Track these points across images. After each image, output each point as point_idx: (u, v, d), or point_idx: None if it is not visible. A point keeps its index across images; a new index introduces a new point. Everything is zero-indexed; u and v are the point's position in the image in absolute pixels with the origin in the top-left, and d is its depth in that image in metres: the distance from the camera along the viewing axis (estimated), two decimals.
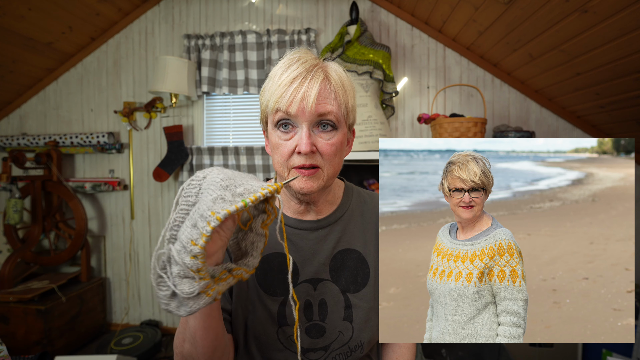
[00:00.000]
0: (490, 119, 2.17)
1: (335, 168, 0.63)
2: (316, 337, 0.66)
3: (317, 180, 0.61)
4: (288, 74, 0.59)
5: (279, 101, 0.59)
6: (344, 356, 0.66)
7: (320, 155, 0.61)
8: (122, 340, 2.16)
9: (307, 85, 0.58)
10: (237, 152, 2.28)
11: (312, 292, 0.67)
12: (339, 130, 0.62)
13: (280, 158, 0.61)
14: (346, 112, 0.63)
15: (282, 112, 0.59)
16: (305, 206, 0.70)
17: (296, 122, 0.59)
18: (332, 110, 0.60)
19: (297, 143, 0.59)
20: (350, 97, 0.64)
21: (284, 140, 0.60)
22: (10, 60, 2.19)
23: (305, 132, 0.58)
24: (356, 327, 0.67)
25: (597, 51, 1.44)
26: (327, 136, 0.61)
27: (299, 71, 0.59)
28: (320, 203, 0.71)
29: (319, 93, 0.58)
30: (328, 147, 0.60)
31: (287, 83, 0.58)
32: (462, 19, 1.87)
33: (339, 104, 0.61)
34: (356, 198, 0.77)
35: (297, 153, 0.60)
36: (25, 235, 2.42)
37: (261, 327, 0.66)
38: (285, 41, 2.23)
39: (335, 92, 0.60)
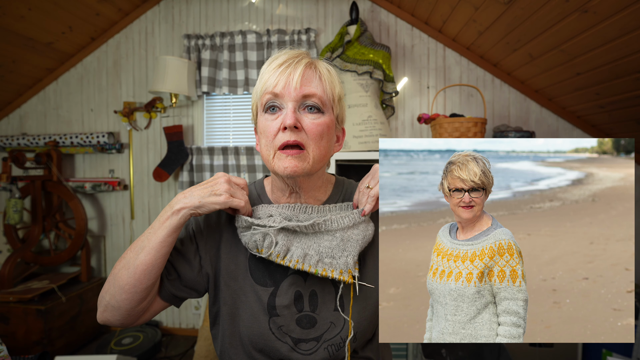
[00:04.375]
0: (490, 119, 2.17)
1: (321, 151, 0.64)
2: (307, 327, 0.66)
3: (302, 161, 0.62)
4: (276, 62, 0.63)
5: (266, 85, 0.62)
6: (336, 347, 0.66)
7: (305, 134, 0.62)
8: (122, 340, 2.16)
9: (292, 67, 0.62)
10: (237, 152, 2.28)
11: (303, 283, 0.68)
12: (326, 114, 0.64)
13: (266, 140, 0.63)
14: (332, 99, 0.65)
15: (269, 93, 0.62)
16: (295, 198, 0.70)
17: (282, 102, 0.62)
18: (316, 92, 0.62)
19: (283, 121, 0.61)
20: (336, 87, 0.67)
21: (270, 121, 0.63)
22: (10, 60, 2.19)
23: (291, 108, 0.61)
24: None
25: (597, 51, 1.44)
26: (313, 116, 0.63)
27: (285, 57, 0.63)
28: (310, 196, 0.71)
29: (303, 74, 0.62)
30: (314, 126, 0.62)
31: (274, 68, 0.62)
32: (462, 19, 1.87)
33: (324, 89, 0.64)
34: (347, 189, 0.78)
35: (282, 130, 0.61)
36: (25, 235, 2.42)
37: (253, 317, 0.67)
38: (285, 41, 2.23)
39: (320, 76, 0.64)
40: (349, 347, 0.60)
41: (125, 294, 0.61)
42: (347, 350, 0.62)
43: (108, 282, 0.64)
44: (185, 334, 2.46)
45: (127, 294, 0.61)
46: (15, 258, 2.16)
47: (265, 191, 0.76)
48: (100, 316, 0.65)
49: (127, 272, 0.61)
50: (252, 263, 0.70)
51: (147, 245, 0.60)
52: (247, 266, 0.70)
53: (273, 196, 0.74)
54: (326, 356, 0.66)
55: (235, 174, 2.28)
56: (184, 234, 0.72)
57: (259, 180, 0.80)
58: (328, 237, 0.65)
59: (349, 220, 0.65)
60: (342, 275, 0.62)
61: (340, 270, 0.63)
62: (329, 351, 0.66)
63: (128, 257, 0.62)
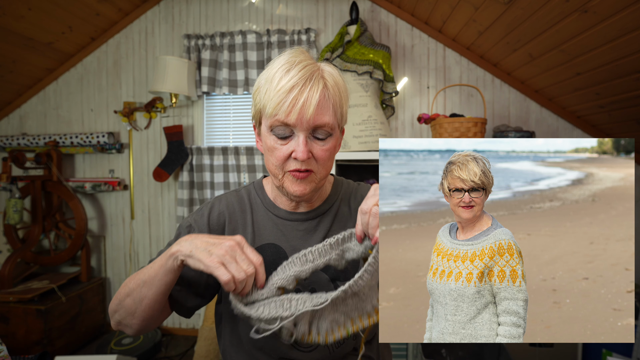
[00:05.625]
0: (490, 119, 2.17)
1: (327, 170, 0.66)
2: None
3: (310, 183, 0.64)
4: (287, 80, 0.58)
5: (277, 108, 0.58)
6: (336, 344, 0.67)
7: (315, 161, 0.63)
8: (122, 340, 2.16)
9: (306, 95, 0.58)
10: (237, 152, 2.28)
11: (302, 281, 0.68)
12: (334, 136, 0.64)
13: (276, 161, 0.63)
14: (341, 118, 0.65)
15: (280, 121, 0.59)
16: (296, 202, 0.73)
17: (293, 129, 0.60)
18: (329, 121, 0.61)
19: (294, 149, 0.60)
20: (345, 102, 0.65)
21: (280, 144, 0.62)
22: (10, 60, 2.19)
23: (303, 140, 0.60)
24: None
25: (597, 51, 1.44)
26: (322, 143, 0.63)
27: (297, 78, 0.58)
28: (312, 199, 0.73)
29: (318, 104, 0.59)
30: (323, 153, 0.63)
31: (286, 91, 0.58)
32: (462, 19, 1.87)
33: (335, 112, 0.62)
34: (345, 189, 0.79)
35: (293, 158, 0.61)
36: (25, 235, 2.42)
37: None
38: (285, 41, 2.23)
39: (333, 101, 0.61)
40: (363, 341, 0.59)
41: (135, 319, 0.63)
42: (361, 342, 0.61)
43: (116, 304, 0.64)
44: (185, 334, 2.46)
45: (136, 319, 0.62)
46: (15, 258, 2.16)
47: (264, 191, 0.77)
48: (114, 327, 0.67)
49: (132, 301, 0.61)
50: None
51: (149, 280, 0.59)
52: None
53: (273, 195, 0.75)
54: (326, 353, 0.66)
55: (236, 174, 2.28)
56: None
57: (257, 181, 0.80)
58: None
59: (368, 273, 0.52)
60: (370, 319, 0.54)
61: (367, 314, 0.54)
62: (329, 348, 0.66)
63: (131, 286, 0.61)
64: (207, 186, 2.32)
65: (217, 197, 0.78)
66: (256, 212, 0.75)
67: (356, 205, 0.77)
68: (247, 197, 0.77)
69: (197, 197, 2.33)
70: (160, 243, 2.48)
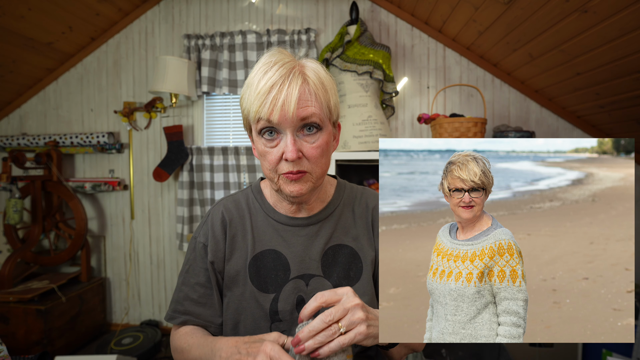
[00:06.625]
0: (490, 119, 2.17)
1: (322, 168, 0.65)
2: None
3: (305, 183, 0.63)
4: (265, 81, 0.58)
5: (259, 110, 0.58)
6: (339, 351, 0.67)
7: (307, 160, 0.62)
8: (122, 340, 2.16)
9: (286, 92, 0.57)
10: (237, 152, 2.28)
11: (305, 288, 0.69)
12: (324, 130, 0.63)
13: (269, 165, 0.62)
14: (329, 111, 0.64)
15: (265, 120, 0.59)
16: (297, 205, 0.72)
17: (280, 128, 0.60)
18: (314, 112, 0.60)
19: (284, 150, 0.60)
20: (331, 95, 0.64)
21: (269, 147, 0.61)
22: (10, 60, 2.19)
23: (290, 139, 0.59)
24: None
25: (597, 51, 1.44)
26: (312, 139, 0.61)
27: (276, 77, 0.58)
28: (312, 201, 0.72)
29: (299, 97, 0.58)
30: (314, 151, 0.61)
31: (266, 91, 0.58)
32: (462, 19, 1.87)
33: (321, 105, 0.61)
34: (348, 194, 0.78)
35: (284, 160, 0.60)
36: (25, 235, 2.42)
37: (254, 323, 0.67)
38: (285, 41, 2.23)
39: (315, 94, 0.60)
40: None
41: None
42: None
43: (175, 351, 0.70)
44: None
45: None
46: (15, 258, 2.16)
47: (263, 196, 0.76)
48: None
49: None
50: (251, 269, 0.70)
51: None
52: (246, 272, 0.70)
53: (273, 200, 0.74)
54: None
55: (236, 174, 2.28)
56: (201, 267, 0.72)
57: (255, 183, 0.79)
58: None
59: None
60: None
61: None
62: None
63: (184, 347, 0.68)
64: (207, 186, 2.32)
65: (215, 206, 0.77)
66: (255, 217, 0.74)
67: (360, 210, 0.76)
68: (244, 201, 0.76)
69: (197, 197, 2.33)
70: (160, 243, 2.48)
